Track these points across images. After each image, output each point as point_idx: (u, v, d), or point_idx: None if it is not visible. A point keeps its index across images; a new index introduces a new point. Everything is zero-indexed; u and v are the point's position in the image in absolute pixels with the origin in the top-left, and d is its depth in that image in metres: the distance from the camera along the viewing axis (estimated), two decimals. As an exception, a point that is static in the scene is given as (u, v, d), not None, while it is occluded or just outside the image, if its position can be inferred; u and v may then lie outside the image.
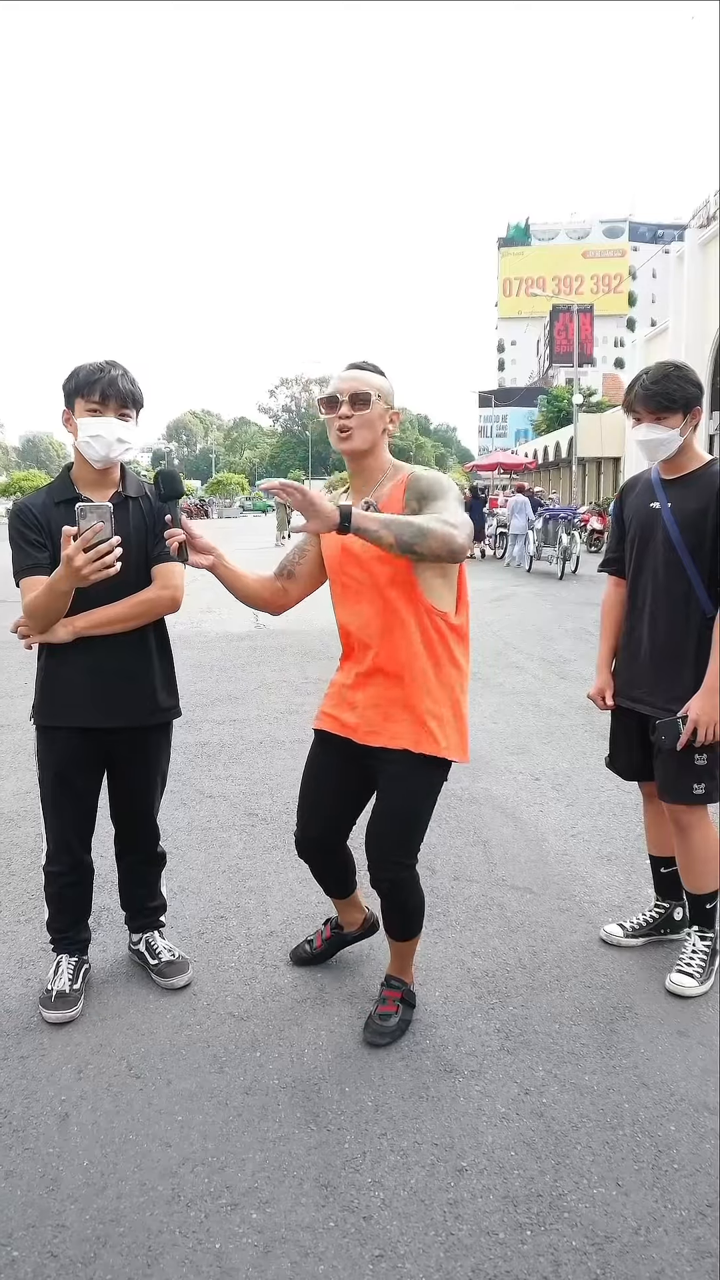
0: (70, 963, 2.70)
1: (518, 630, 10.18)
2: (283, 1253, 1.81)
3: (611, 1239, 1.85)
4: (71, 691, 2.54)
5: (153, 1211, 1.91)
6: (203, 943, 3.06)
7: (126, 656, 2.56)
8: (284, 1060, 2.43)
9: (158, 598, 2.54)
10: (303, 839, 2.64)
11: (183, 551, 2.27)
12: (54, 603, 2.38)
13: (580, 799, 4.55)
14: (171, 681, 2.72)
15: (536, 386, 73.08)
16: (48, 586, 2.36)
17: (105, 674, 2.53)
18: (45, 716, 2.60)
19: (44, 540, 2.48)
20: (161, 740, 2.75)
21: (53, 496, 2.55)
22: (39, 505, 2.53)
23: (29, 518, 2.51)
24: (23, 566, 2.49)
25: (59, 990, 2.63)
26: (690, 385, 2.65)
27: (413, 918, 2.54)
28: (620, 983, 2.82)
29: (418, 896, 2.52)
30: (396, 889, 2.46)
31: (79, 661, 2.51)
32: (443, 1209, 1.92)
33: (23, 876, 3.53)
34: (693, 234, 24.62)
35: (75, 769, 2.61)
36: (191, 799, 4.44)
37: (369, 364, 2.42)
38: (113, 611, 2.49)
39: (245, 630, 9.87)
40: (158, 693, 2.65)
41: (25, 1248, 1.82)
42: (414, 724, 2.36)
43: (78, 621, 2.47)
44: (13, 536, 2.51)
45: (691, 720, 2.61)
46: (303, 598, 2.59)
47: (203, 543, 2.32)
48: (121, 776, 2.73)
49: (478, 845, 3.92)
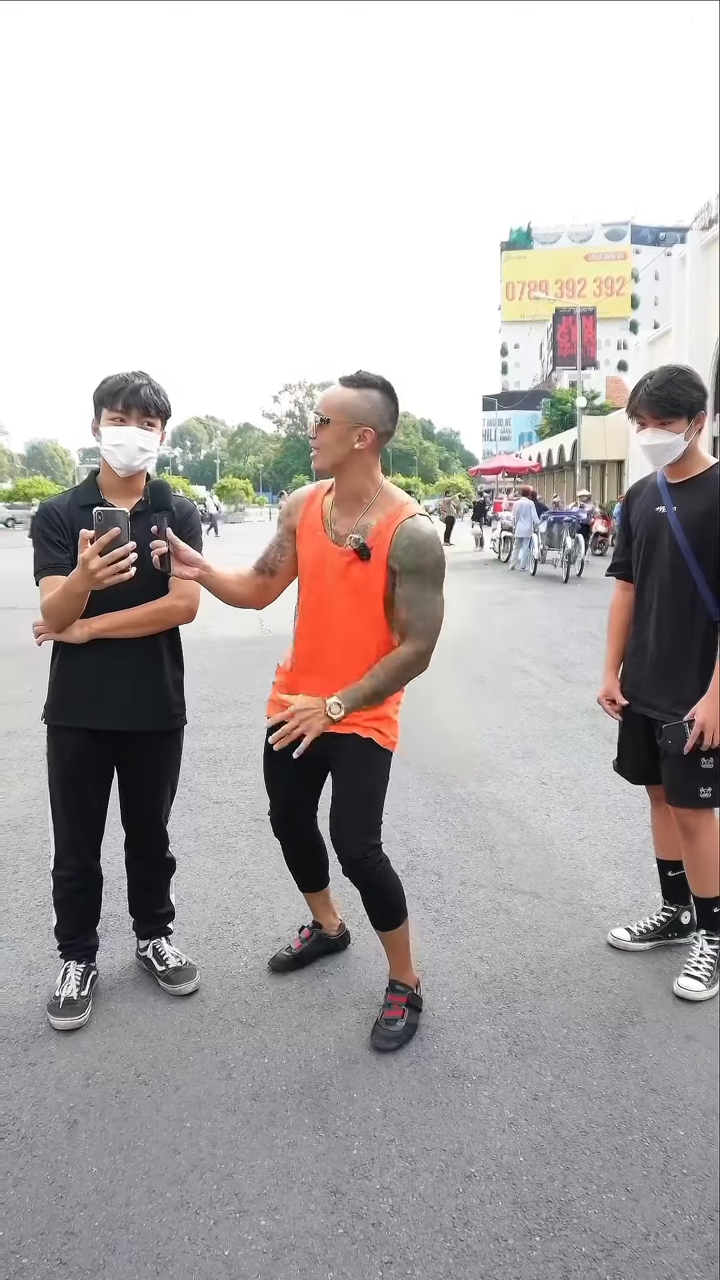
0: (78, 969, 2.70)
1: (523, 634, 10.17)
2: (292, 1259, 1.81)
3: (621, 1245, 1.84)
4: (82, 693, 2.57)
5: (161, 1218, 1.91)
6: (210, 949, 3.06)
7: (138, 661, 2.58)
8: (292, 1066, 2.43)
9: (173, 607, 2.58)
10: (274, 817, 2.75)
11: (165, 562, 2.33)
12: (69, 603, 2.43)
13: (587, 803, 4.54)
14: (181, 688, 2.75)
15: (540, 390, 73.13)
16: (64, 587, 2.41)
17: (116, 677, 2.56)
18: (55, 716, 2.62)
19: (66, 541, 2.53)
20: (171, 746, 2.76)
21: (78, 500, 2.60)
22: (64, 507, 2.59)
23: (54, 519, 2.56)
24: (43, 565, 2.55)
25: (67, 997, 2.63)
26: (694, 389, 2.65)
27: (392, 902, 2.55)
28: (628, 987, 2.82)
29: (391, 878, 2.54)
30: (367, 869, 2.45)
31: (91, 663, 2.54)
32: (451, 1215, 1.92)
33: (30, 883, 3.54)
34: (695, 236, 24.57)
35: (83, 771, 2.63)
36: (198, 805, 4.44)
37: (355, 377, 2.38)
38: (128, 616, 2.52)
39: (251, 635, 9.88)
40: (169, 698, 2.67)
41: (34, 1254, 1.82)
42: (357, 718, 2.43)
43: (93, 624, 2.51)
44: (36, 535, 2.57)
45: (698, 724, 2.61)
46: (284, 589, 2.66)
47: (188, 554, 2.38)
48: (131, 781, 2.74)
49: (484, 850, 3.91)
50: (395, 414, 2.41)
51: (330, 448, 2.37)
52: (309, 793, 2.71)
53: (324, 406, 2.37)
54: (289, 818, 2.74)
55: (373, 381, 2.38)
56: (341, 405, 2.34)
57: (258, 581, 2.59)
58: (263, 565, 2.60)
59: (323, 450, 2.38)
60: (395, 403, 2.41)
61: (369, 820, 2.50)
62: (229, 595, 2.54)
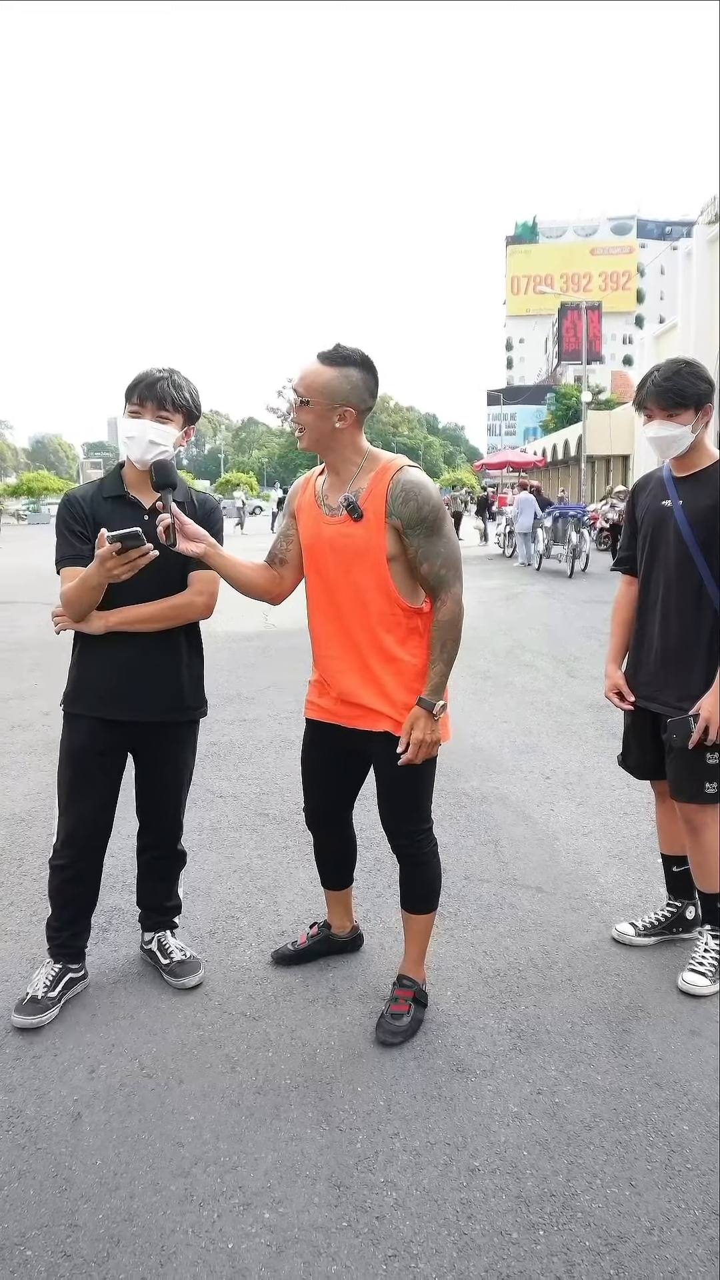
0: (52, 969, 2.67)
1: (528, 629, 10.16)
2: (295, 1253, 1.81)
3: (625, 1239, 1.84)
4: (100, 683, 2.59)
5: (165, 1211, 1.92)
6: (214, 942, 3.06)
7: (156, 653, 2.60)
8: (296, 1060, 2.43)
9: (190, 603, 2.59)
10: (309, 811, 2.79)
11: (170, 536, 2.33)
12: (86, 595, 2.46)
13: (591, 798, 4.54)
14: (201, 681, 2.76)
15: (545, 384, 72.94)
16: (81, 579, 2.44)
17: (133, 669, 2.57)
18: (73, 704, 2.64)
19: (87, 533, 2.54)
20: (188, 737, 2.78)
21: (102, 491, 2.61)
22: (88, 499, 2.60)
23: (77, 510, 2.58)
24: (64, 555, 2.57)
25: (32, 995, 2.60)
26: (702, 382, 2.64)
27: (430, 885, 2.61)
28: (632, 982, 2.81)
29: (435, 862, 2.63)
30: (415, 850, 2.57)
31: (109, 654, 2.56)
32: (455, 1209, 1.92)
33: (34, 876, 3.54)
34: (701, 230, 24.48)
35: (95, 760, 2.63)
36: (203, 799, 4.44)
37: (332, 354, 2.34)
38: (145, 611, 2.54)
39: (256, 630, 9.88)
40: (185, 691, 2.68)
41: (39, 1247, 1.82)
42: (390, 707, 2.45)
43: (110, 617, 2.52)
44: (59, 526, 2.59)
45: (703, 719, 2.60)
46: (298, 582, 2.64)
47: (192, 529, 2.37)
48: (148, 772, 2.76)
49: (489, 845, 3.91)
50: (375, 388, 2.40)
51: (313, 428, 2.37)
52: (350, 786, 2.74)
53: (303, 387, 2.34)
54: (327, 812, 2.76)
55: (351, 358, 2.35)
56: (321, 386, 2.32)
57: (270, 572, 2.59)
58: (272, 555, 2.60)
59: (306, 431, 2.39)
60: (375, 377, 2.39)
61: (418, 808, 2.56)
62: (241, 580, 2.53)
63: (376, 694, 2.45)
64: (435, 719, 2.40)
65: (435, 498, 2.37)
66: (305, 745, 2.73)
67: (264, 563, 2.60)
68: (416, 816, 2.56)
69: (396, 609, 2.42)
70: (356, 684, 2.48)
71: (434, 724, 2.40)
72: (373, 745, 2.51)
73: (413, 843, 2.57)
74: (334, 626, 2.51)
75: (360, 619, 2.44)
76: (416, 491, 2.34)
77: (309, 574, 2.54)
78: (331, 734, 2.60)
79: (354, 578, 2.41)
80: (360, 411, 2.37)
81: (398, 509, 2.34)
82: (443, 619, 2.40)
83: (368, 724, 2.49)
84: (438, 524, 2.37)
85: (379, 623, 2.42)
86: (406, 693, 2.44)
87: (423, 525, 2.35)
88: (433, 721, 2.40)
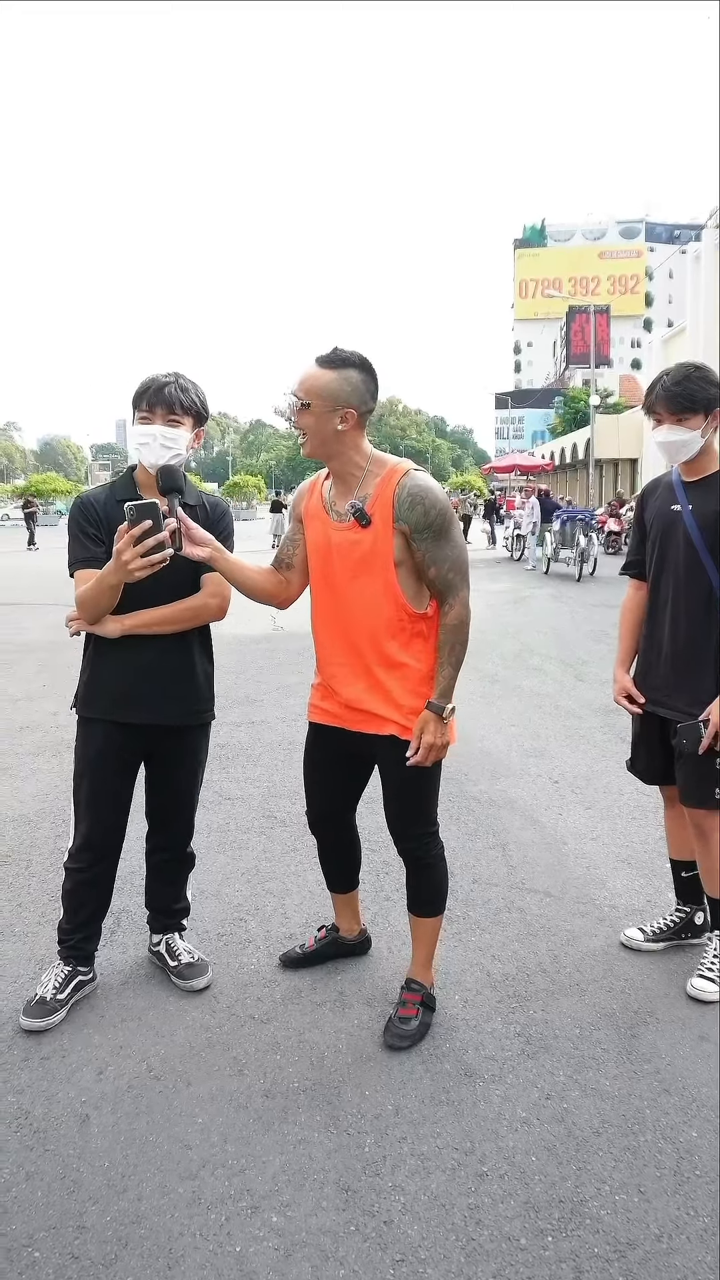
0: (62, 971, 2.67)
1: (536, 633, 10.15)
2: (303, 1256, 1.81)
3: (634, 1246, 1.83)
4: (114, 686, 2.59)
5: (173, 1214, 1.92)
6: (222, 945, 3.06)
7: (169, 656, 2.60)
8: (304, 1063, 2.43)
9: (204, 605, 2.59)
10: (312, 813, 2.78)
11: (175, 540, 2.33)
12: (102, 596, 2.45)
13: (600, 802, 4.53)
14: (212, 683, 2.77)
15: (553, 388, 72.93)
16: (97, 580, 2.44)
17: (149, 672, 2.58)
18: (87, 708, 2.64)
19: (101, 535, 2.54)
20: (201, 739, 2.79)
21: (115, 494, 2.61)
22: (100, 501, 2.60)
23: (90, 513, 2.58)
24: (77, 559, 2.57)
25: (40, 996, 2.61)
26: (712, 386, 2.63)
27: (437, 887, 2.62)
28: (641, 987, 2.81)
29: (443, 864, 2.63)
30: (421, 854, 2.58)
31: (123, 658, 2.57)
32: (463, 1214, 1.92)
33: (43, 878, 3.55)
34: (709, 234, 24.46)
35: (110, 764, 2.64)
36: (210, 801, 4.44)
37: (331, 356, 2.34)
38: (160, 614, 2.54)
39: (263, 633, 9.88)
40: (199, 693, 2.69)
41: (46, 1249, 1.82)
42: (396, 711, 2.45)
43: (126, 620, 2.53)
44: (72, 529, 2.59)
45: (714, 724, 2.59)
46: (305, 587, 2.62)
47: (198, 533, 2.37)
48: (161, 774, 2.76)
49: (497, 849, 3.90)
50: (375, 391, 2.39)
51: (315, 432, 2.36)
52: (354, 788, 2.74)
53: (303, 390, 2.33)
54: (330, 815, 2.77)
55: (350, 360, 2.34)
56: (321, 389, 2.31)
57: (276, 576, 2.59)
58: (279, 560, 2.61)
59: (309, 437, 2.37)
60: (374, 379, 2.38)
61: (424, 811, 2.57)
62: (248, 583, 2.52)
63: (382, 700, 2.45)
64: (445, 722, 2.41)
65: (442, 501, 2.37)
66: (308, 748, 2.74)
67: (270, 567, 2.60)
68: (423, 820, 2.57)
69: (402, 614, 2.41)
70: (361, 691, 2.48)
71: (444, 727, 2.41)
72: (378, 749, 2.52)
73: (419, 846, 2.57)
74: (338, 634, 2.51)
75: (365, 625, 2.44)
76: (424, 495, 2.34)
77: (314, 580, 2.54)
78: (335, 737, 2.60)
79: (361, 584, 2.41)
80: (361, 413, 2.36)
81: (405, 514, 2.33)
82: (450, 623, 2.41)
83: (372, 728, 2.49)
84: (445, 528, 2.37)
85: (384, 628, 2.42)
86: (412, 697, 2.44)
87: (430, 529, 2.35)
88: (442, 725, 2.40)
